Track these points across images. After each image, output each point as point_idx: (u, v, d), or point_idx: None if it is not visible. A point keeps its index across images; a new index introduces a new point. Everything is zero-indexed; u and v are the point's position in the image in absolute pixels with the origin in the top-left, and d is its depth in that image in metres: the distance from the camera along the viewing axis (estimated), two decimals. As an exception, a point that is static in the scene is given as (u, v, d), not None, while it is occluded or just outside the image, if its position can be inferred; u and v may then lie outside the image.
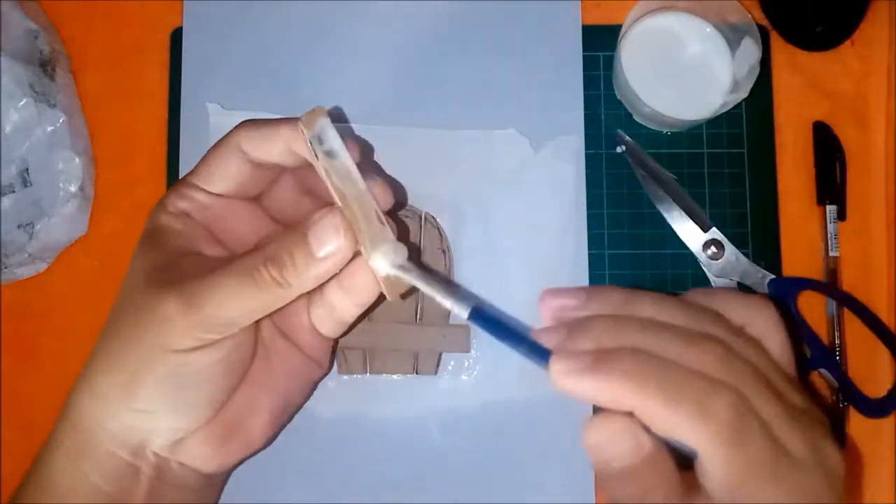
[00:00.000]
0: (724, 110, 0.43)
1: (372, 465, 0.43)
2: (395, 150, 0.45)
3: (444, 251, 0.44)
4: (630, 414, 0.26)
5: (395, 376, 0.43)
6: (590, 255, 0.44)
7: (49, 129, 0.43)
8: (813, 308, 0.44)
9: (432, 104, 0.45)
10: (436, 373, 0.43)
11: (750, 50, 0.42)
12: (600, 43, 0.46)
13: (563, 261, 0.44)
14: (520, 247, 0.44)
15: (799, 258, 0.45)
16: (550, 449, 0.43)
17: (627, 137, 0.45)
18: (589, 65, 0.46)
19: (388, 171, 0.45)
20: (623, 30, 0.43)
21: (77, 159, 0.43)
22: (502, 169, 0.45)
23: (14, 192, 0.43)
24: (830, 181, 0.45)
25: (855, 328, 0.43)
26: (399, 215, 0.44)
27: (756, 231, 0.45)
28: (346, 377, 0.43)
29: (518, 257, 0.44)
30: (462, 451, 0.43)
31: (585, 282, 0.44)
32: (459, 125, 0.45)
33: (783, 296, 0.43)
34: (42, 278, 0.45)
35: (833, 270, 0.44)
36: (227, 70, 0.46)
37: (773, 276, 0.43)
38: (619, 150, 0.45)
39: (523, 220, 0.44)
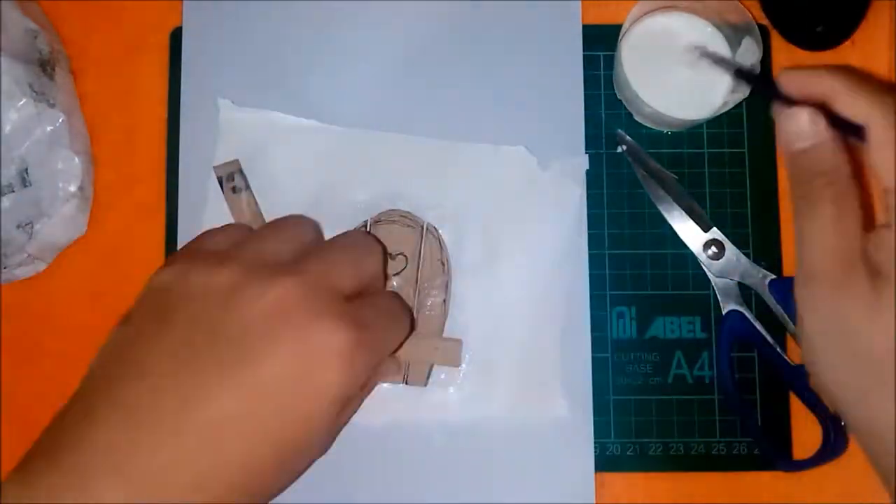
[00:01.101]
0: (725, 110, 0.42)
1: (352, 471, 0.43)
2: (404, 159, 0.45)
3: (442, 263, 0.44)
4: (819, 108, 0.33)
5: (384, 385, 0.43)
6: (590, 255, 0.44)
7: (48, 128, 0.43)
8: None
9: (428, 105, 0.45)
10: (426, 384, 0.43)
11: (751, 49, 0.42)
12: (600, 43, 0.46)
13: (561, 281, 0.44)
14: (519, 265, 0.44)
15: (799, 258, 0.45)
16: (539, 473, 0.42)
17: (628, 137, 0.45)
18: (589, 65, 0.46)
19: (394, 179, 0.44)
20: (623, 30, 0.43)
21: (76, 159, 0.43)
22: (509, 186, 0.44)
23: (13, 192, 0.43)
24: (831, 181, 0.45)
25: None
26: (400, 223, 0.44)
27: (756, 231, 0.45)
28: None
29: (517, 275, 0.44)
30: (446, 465, 0.43)
31: (585, 306, 0.44)
32: (456, 124, 0.45)
33: (784, 296, 0.43)
34: (42, 278, 0.45)
35: (833, 270, 0.44)
36: (227, 70, 0.46)
37: (773, 277, 0.43)
38: (619, 149, 0.45)
39: (525, 239, 0.44)
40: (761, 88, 0.40)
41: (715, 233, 0.44)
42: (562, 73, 0.45)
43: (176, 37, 0.46)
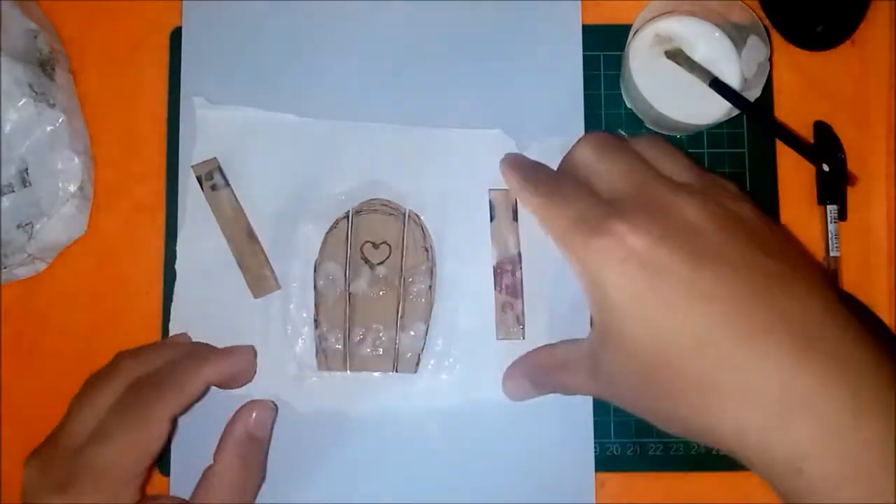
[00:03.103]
0: (737, 111, 0.42)
1: (350, 462, 0.43)
2: (382, 148, 0.45)
3: (426, 249, 0.44)
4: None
5: (375, 374, 0.43)
6: (590, 255, 0.44)
7: (48, 128, 0.43)
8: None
9: (430, 104, 0.45)
10: (416, 371, 0.43)
11: (757, 48, 0.42)
12: (600, 43, 0.46)
13: (550, 264, 0.44)
14: None
15: (799, 258, 0.45)
16: (541, 445, 0.43)
17: (628, 138, 0.45)
18: (589, 65, 0.46)
19: (373, 168, 0.45)
20: (629, 36, 0.43)
21: (76, 159, 0.43)
22: (488, 168, 0.44)
23: (13, 192, 0.43)
24: (831, 181, 0.45)
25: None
26: (381, 212, 0.44)
27: (756, 231, 0.45)
28: (325, 373, 0.43)
29: None
30: (446, 448, 0.43)
31: (578, 292, 0.43)
32: (457, 126, 0.45)
33: None
34: (42, 278, 0.45)
35: (834, 271, 0.44)
36: (226, 70, 0.46)
37: None
38: (619, 149, 0.45)
39: None
40: (735, 101, 0.40)
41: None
42: (562, 74, 0.45)
43: (176, 37, 0.46)
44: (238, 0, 0.46)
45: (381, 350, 0.43)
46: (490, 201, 0.44)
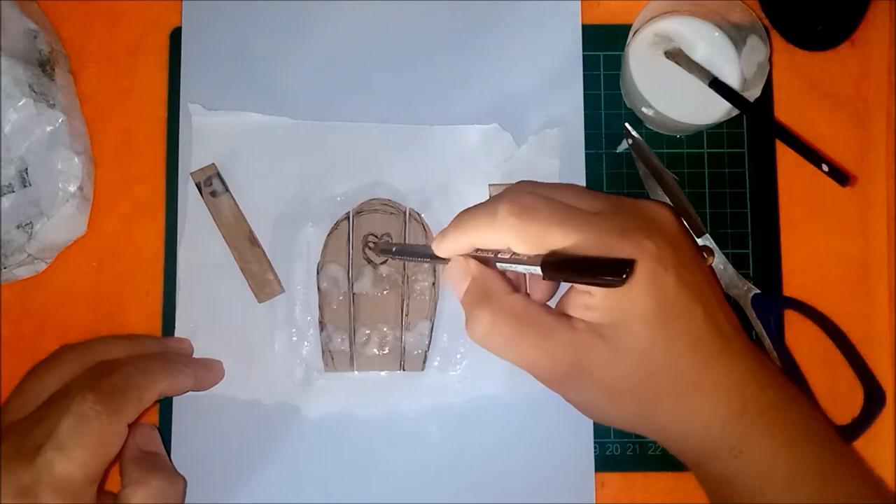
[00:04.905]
0: (737, 112, 0.42)
1: (360, 463, 0.43)
2: (381, 147, 0.45)
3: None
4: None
5: (382, 373, 0.44)
6: (590, 255, 0.44)
7: (48, 129, 0.43)
8: (802, 323, 0.44)
9: (431, 105, 0.45)
10: (423, 369, 0.43)
11: (757, 48, 0.42)
12: (600, 43, 0.46)
13: None
14: None
15: (799, 258, 0.45)
16: (541, 445, 0.43)
17: (635, 132, 0.45)
18: (589, 65, 0.46)
19: (372, 168, 0.45)
20: (629, 37, 0.43)
21: (76, 159, 0.43)
22: (486, 163, 0.45)
23: (13, 192, 0.43)
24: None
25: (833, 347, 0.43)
26: (382, 212, 0.44)
27: (756, 231, 0.45)
28: (332, 375, 0.43)
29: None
30: (452, 447, 0.43)
31: None
32: (456, 124, 0.45)
33: (765, 313, 0.43)
34: (41, 278, 0.45)
35: (833, 270, 0.44)
36: (225, 70, 0.46)
37: (757, 291, 0.43)
38: (626, 142, 0.45)
39: None
40: (735, 101, 0.41)
41: (707, 239, 0.44)
42: (562, 73, 0.45)
43: (176, 37, 0.46)
44: (238, 0, 0.46)
45: (387, 349, 0.43)
46: (490, 195, 0.44)
